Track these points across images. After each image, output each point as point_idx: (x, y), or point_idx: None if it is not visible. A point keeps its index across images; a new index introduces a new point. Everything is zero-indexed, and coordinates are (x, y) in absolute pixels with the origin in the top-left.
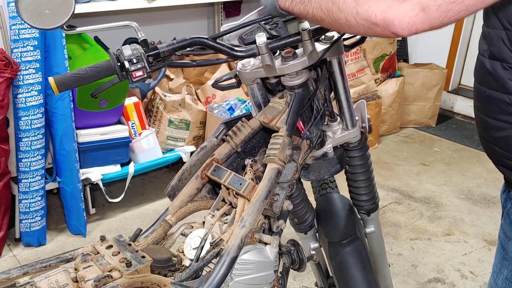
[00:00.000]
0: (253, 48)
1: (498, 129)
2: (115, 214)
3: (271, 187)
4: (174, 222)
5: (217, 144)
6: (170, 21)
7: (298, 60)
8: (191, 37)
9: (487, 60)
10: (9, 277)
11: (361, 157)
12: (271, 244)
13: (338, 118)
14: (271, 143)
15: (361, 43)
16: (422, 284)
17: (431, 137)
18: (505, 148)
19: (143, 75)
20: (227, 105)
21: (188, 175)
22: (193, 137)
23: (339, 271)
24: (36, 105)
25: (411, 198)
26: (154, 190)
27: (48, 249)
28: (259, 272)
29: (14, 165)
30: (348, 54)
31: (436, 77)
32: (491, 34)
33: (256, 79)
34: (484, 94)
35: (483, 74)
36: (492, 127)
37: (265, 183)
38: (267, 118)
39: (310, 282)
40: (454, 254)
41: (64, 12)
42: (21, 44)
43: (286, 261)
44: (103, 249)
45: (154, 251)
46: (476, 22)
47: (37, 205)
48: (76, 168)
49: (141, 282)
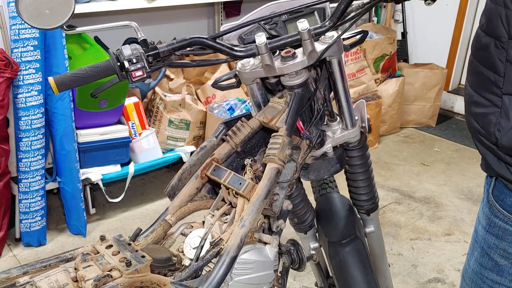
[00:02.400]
0: (252, 48)
1: (479, 105)
2: (115, 214)
3: (270, 186)
4: (174, 222)
5: (217, 144)
6: (170, 21)
7: (297, 60)
8: (191, 37)
9: (482, 34)
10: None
11: (361, 157)
12: (271, 244)
13: (337, 118)
14: (271, 142)
15: (361, 43)
16: (422, 284)
17: (431, 137)
18: (481, 125)
19: (143, 75)
20: (227, 105)
21: (188, 175)
22: (193, 137)
23: (339, 271)
24: (36, 105)
25: (411, 198)
26: (154, 190)
27: (48, 249)
28: (259, 271)
29: (14, 165)
30: (348, 54)
31: (436, 77)
32: (492, 10)
33: (255, 79)
34: (475, 68)
35: (477, 48)
36: (474, 102)
37: (265, 183)
38: (267, 118)
39: (310, 282)
40: (454, 254)
41: (64, 12)
42: (21, 44)
43: (286, 260)
44: (103, 249)
45: (154, 251)
46: (476, 22)
47: (37, 205)
48: (76, 168)
49: (141, 282)
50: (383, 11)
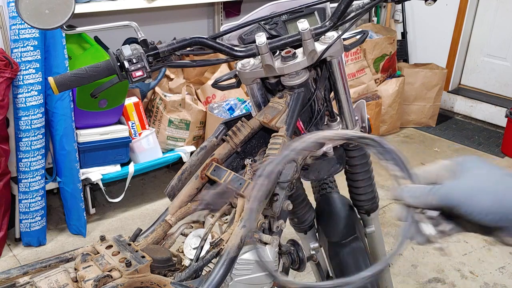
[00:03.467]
0: (252, 48)
1: None
2: (115, 214)
3: (271, 187)
4: (174, 222)
5: (217, 144)
6: (170, 21)
7: (297, 60)
8: (191, 37)
9: None
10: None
11: (361, 157)
12: (271, 244)
13: (338, 118)
14: (271, 143)
15: (361, 43)
16: (422, 284)
17: (431, 137)
18: None
19: (143, 75)
20: (227, 105)
21: (188, 175)
22: (193, 137)
23: (339, 271)
24: (36, 105)
25: None
26: (154, 190)
27: (48, 249)
28: (259, 272)
29: (14, 165)
30: (348, 54)
31: (436, 77)
32: None
33: (256, 79)
34: None
35: None
36: None
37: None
38: (267, 118)
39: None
40: (454, 254)
41: (64, 12)
42: (21, 44)
43: (286, 261)
44: (103, 249)
45: (154, 251)
46: (476, 23)
47: (37, 205)
48: (76, 168)
49: (141, 282)
50: (383, 11)
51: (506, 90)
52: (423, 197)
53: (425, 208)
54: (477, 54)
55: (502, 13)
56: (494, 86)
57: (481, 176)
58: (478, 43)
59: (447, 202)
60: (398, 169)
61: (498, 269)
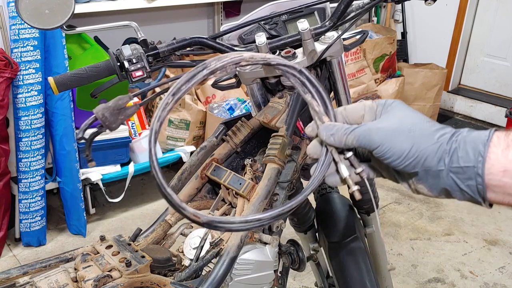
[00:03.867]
0: (252, 48)
1: None
2: (115, 214)
3: (270, 187)
4: (174, 222)
5: (217, 144)
6: (170, 21)
7: (297, 60)
8: (191, 37)
9: None
10: (9, 277)
11: None
12: (271, 244)
13: None
14: (271, 143)
15: (361, 43)
16: (422, 284)
17: None
18: None
19: (143, 75)
20: (227, 105)
21: (188, 175)
22: (193, 137)
23: (339, 271)
24: (36, 105)
25: (411, 198)
26: (154, 190)
27: (48, 249)
28: (259, 272)
29: (14, 165)
30: (348, 54)
31: (436, 77)
32: None
33: (255, 79)
34: None
35: None
36: None
37: (265, 183)
38: (267, 118)
39: (310, 282)
40: (454, 254)
41: (64, 12)
42: (21, 44)
43: (286, 261)
44: (103, 249)
45: (154, 251)
46: (476, 22)
47: (37, 205)
48: (76, 168)
49: (141, 282)
50: (383, 11)
51: (506, 90)
52: (340, 135)
53: (342, 147)
54: (477, 54)
55: (502, 13)
56: (494, 86)
57: (401, 119)
58: (478, 43)
59: (365, 143)
60: (318, 104)
61: (498, 269)
